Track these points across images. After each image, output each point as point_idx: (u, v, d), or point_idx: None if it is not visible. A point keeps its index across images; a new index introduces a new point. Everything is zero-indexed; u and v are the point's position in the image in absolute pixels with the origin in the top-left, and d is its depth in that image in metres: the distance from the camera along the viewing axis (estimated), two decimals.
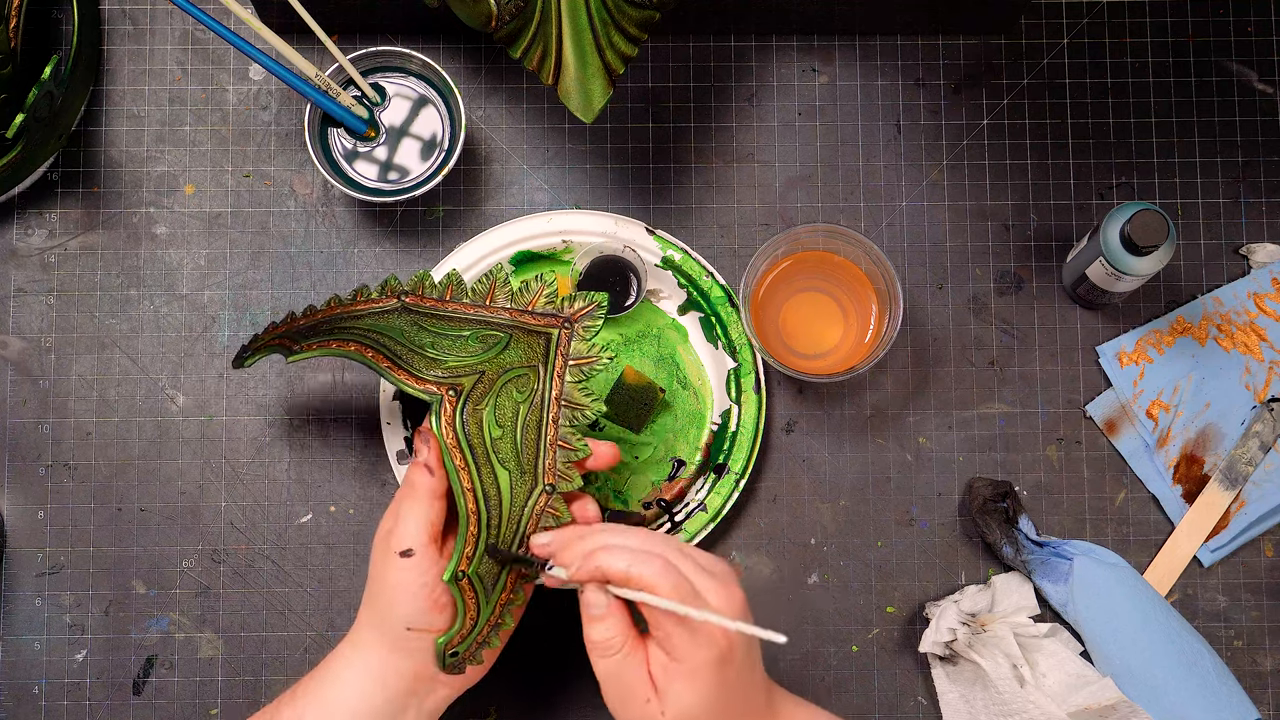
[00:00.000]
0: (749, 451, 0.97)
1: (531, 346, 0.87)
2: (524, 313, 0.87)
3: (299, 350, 0.88)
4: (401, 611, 0.82)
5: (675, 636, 0.76)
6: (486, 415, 0.85)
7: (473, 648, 0.83)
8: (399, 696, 0.83)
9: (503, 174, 1.02)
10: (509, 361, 0.86)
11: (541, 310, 0.87)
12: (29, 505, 0.99)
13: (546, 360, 0.86)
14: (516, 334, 0.87)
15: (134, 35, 1.03)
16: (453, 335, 0.87)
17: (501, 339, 0.87)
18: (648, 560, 0.77)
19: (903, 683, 0.99)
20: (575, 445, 0.86)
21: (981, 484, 0.98)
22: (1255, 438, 0.99)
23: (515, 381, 0.86)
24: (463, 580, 0.82)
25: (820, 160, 1.02)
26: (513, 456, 0.85)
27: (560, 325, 0.87)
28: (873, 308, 0.97)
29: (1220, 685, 0.95)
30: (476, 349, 0.86)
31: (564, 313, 0.87)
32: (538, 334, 0.87)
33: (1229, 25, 1.03)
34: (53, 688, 0.98)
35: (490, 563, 0.83)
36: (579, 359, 0.87)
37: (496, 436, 0.84)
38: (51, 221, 1.01)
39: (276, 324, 0.89)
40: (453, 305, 0.87)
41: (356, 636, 0.84)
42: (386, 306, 0.88)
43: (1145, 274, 0.93)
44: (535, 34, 0.89)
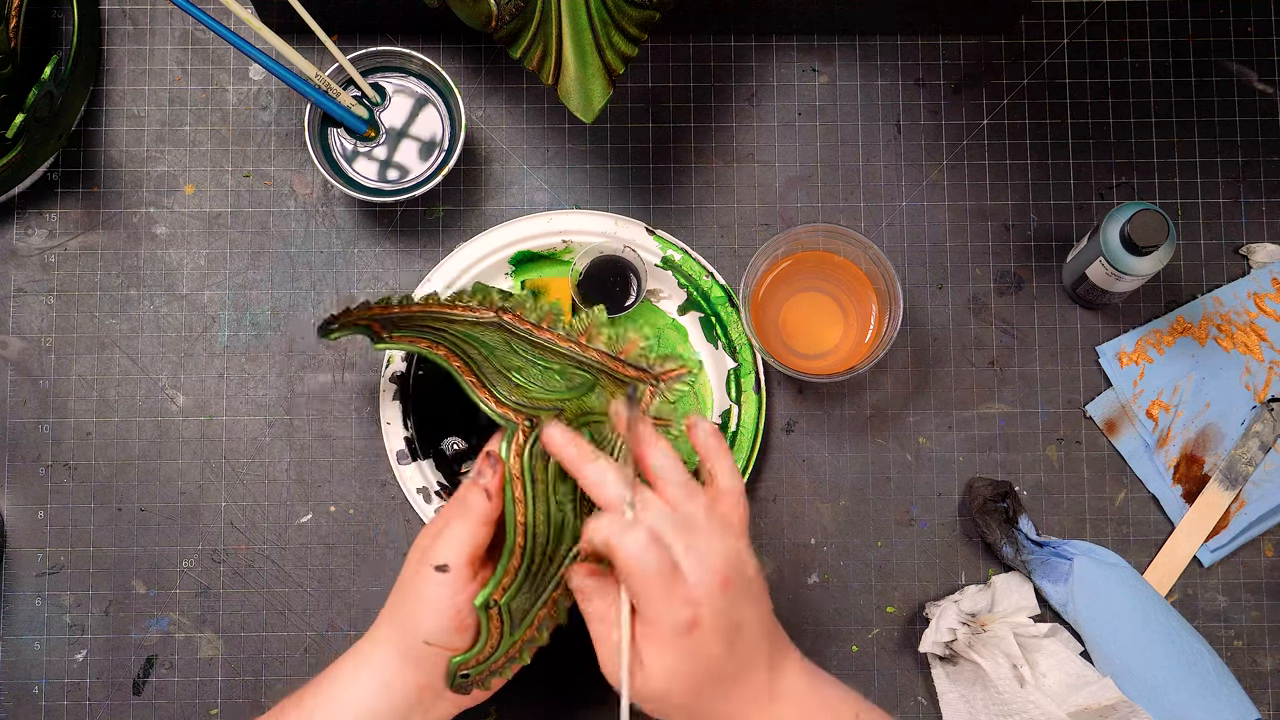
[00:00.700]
0: (749, 451, 0.97)
1: (615, 396, 0.84)
2: (615, 359, 0.85)
3: (387, 339, 0.87)
4: (425, 625, 0.82)
5: (644, 600, 0.76)
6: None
7: (485, 674, 0.83)
8: (404, 706, 0.83)
9: (503, 174, 1.02)
10: (590, 405, 0.84)
11: (633, 361, 0.85)
12: (29, 505, 0.99)
13: None
14: (603, 379, 0.85)
15: (134, 35, 1.03)
16: (541, 365, 0.85)
17: (588, 381, 0.85)
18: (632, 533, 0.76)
19: (903, 683, 0.99)
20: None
21: (981, 484, 0.98)
22: (1255, 438, 0.99)
23: (592, 427, 0.84)
24: (493, 609, 0.81)
25: (820, 160, 1.02)
26: (570, 501, 0.83)
27: (648, 380, 0.85)
28: (873, 308, 0.97)
29: (1220, 685, 0.95)
30: (561, 385, 0.84)
31: (654, 370, 0.85)
32: (623, 384, 0.85)
33: (1229, 25, 1.03)
34: (53, 688, 0.98)
35: (522, 599, 0.82)
36: (657, 419, 0.85)
37: (559, 478, 0.82)
38: (51, 221, 1.01)
39: (370, 304, 0.87)
40: (548, 334, 0.85)
41: (371, 640, 0.84)
42: (483, 318, 0.86)
43: (1145, 274, 0.93)
44: (535, 34, 0.89)
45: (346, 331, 0.88)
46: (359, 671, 0.83)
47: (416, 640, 0.82)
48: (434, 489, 0.97)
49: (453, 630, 0.82)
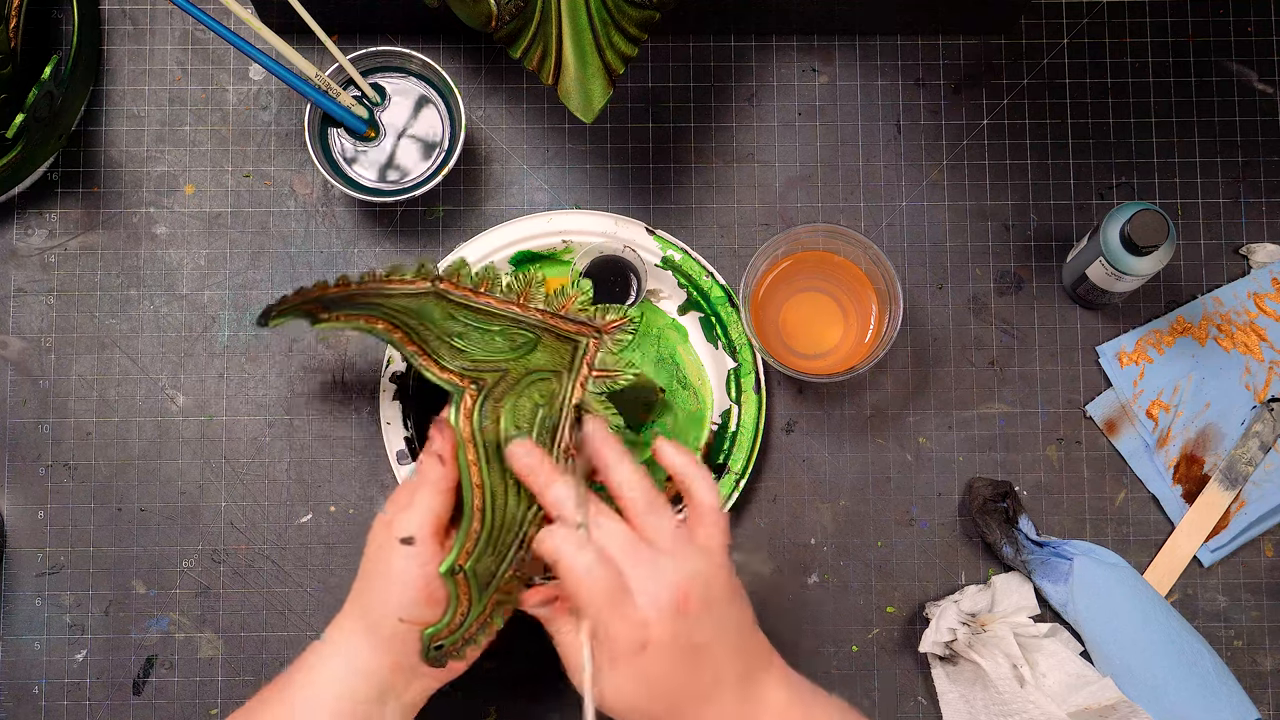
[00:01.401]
0: (749, 451, 0.97)
1: (558, 351, 0.86)
2: (555, 315, 0.87)
3: (326, 319, 0.87)
4: (395, 600, 0.82)
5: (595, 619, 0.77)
6: (505, 414, 0.84)
7: (459, 643, 0.83)
8: (378, 689, 0.82)
9: (503, 174, 1.02)
10: (534, 363, 0.85)
11: (574, 316, 0.87)
12: (29, 505, 0.99)
13: (571, 367, 0.86)
14: (545, 337, 0.86)
15: (134, 35, 1.03)
16: (482, 329, 0.86)
17: (529, 340, 0.86)
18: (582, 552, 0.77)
19: (903, 683, 0.99)
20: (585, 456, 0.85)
21: (981, 484, 0.98)
22: (1255, 438, 0.99)
23: (538, 384, 0.85)
24: (459, 575, 0.82)
25: (820, 160, 1.02)
26: None
27: (591, 334, 0.87)
28: (873, 308, 0.97)
29: (1220, 685, 0.95)
30: (503, 346, 0.86)
31: (596, 322, 0.87)
32: (566, 340, 0.86)
33: (1229, 25, 1.03)
34: (53, 688, 0.98)
35: (487, 561, 0.83)
36: (604, 370, 0.86)
37: (512, 436, 0.84)
38: (51, 221, 1.01)
39: (307, 289, 0.87)
40: (485, 298, 0.86)
41: (338, 629, 0.84)
42: (420, 289, 0.86)
43: (1145, 274, 0.93)
44: (535, 34, 0.89)
45: (286, 318, 0.88)
46: (329, 661, 0.83)
47: (387, 620, 0.82)
48: None
49: (423, 603, 0.82)
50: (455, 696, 0.98)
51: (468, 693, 0.98)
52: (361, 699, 0.82)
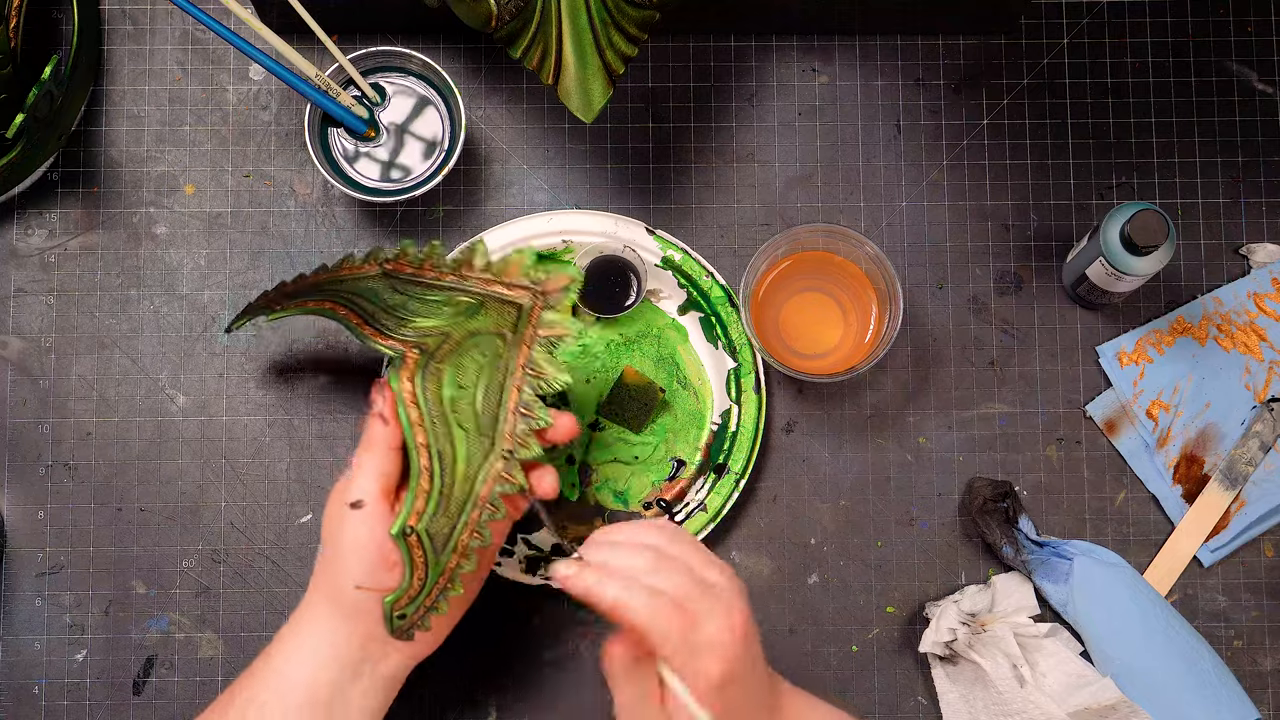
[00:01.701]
0: (749, 451, 0.97)
1: (502, 314, 0.86)
2: (497, 281, 0.86)
3: (279, 310, 0.90)
4: (352, 569, 0.81)
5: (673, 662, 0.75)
6: (447, 374, 0.85)
7: (420, 611, 0.82)
8: (351, 662, 0.82)
9: (503, 174, 1.02)
10: (476, 326, 0.86)
11: (515, 280, 0.86)
12: (29, 505, 0.99)
13: (516, 328, 0.86)
14: (489, 302, 0.86)
15: (134, 35, 1.03)
16: (425, 299, 0.86)
17: (472, 305, 0.86)
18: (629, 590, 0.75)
19: (903, 683, 0.99)
20: (537, 414, 0.84)
21: (981, 484, 0.98)
22: (1255, 438, 0.99)
23: (480, 345, 0.85)
24: (411, 536, 0.81)
25: (820, 160, 1.02)
26: (471, 418, 0.84)
27: (534, 295, 0.86)
28: (873, 308, 0.97)
29: (1220, 685, 0.95)
30: (446, 312, 0.86)
31: (539, 285, 0.86)
32: (510, 303, 0.86)
33: (1229, 25, 1.03)
34: (53, 688, 0.98)
35: (440, 521, 0.82)
36: (550, 329, 0.86)
37: (455, 396, 0.84)
38: (51, 221, 1.01)
39: (269, 292, 0.90)
40: (432, 273, 0.87)
41: (305, 607, 0.84)
42: (369, 272, 0.87)
43: (1145, 274, 0.93)
44: (535, 34, 0.89)
45: (246, 318, 0.93)
46: (300, 641, 0.82)
47: (347, 588, 0.81)
48: None
49: (380, 568, 0.81)
50: (456, 695, 0.98)
51: (468, 692, 0.98)
52: (332, 677, 0.81)
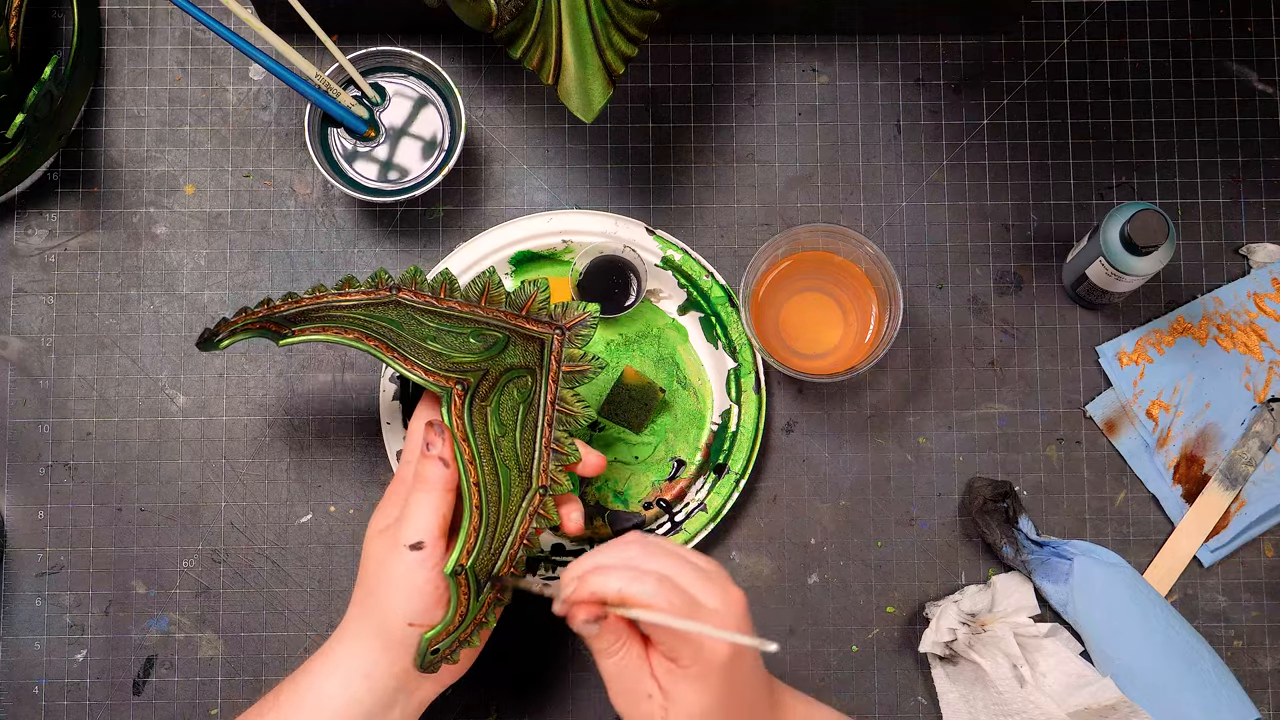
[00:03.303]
0: (749, 451, 0.97)
1: (528, 350, 0.87)
2: (518, 316, 0.88)
3: (290, 335, 0.86)
4: (403, 606, 0.82)
5: (679, 647, 0.76)
6: (491, 412, 0.85)
7: (454, 645, 0.83)
8: (387, 693, 0.83)
9: (503, 174, 1.02)
10: (509, 362, 0.87)
11: (535, 315, 0.88)
12: (29, 505, 0.99)
13: (541, 364, 0.87)
14: (514, 336, 0.87)
15: (134, 35, 1.03)
16: (453, 332, 0.87)
17: (500, 339, 0.87)
18: (641, 579, 0.76)
19: (903, 683, 0.99)
20: (566, 449, 0.86)
21: (981, 484, 0.98)
22: (1255, 438, 0.99)
23: (516, 382, 0.86)
24: (461, 575, 0.82)
25: (820, 160, 1.02)
26: (513, 455, 0.85)
27: (554, 331, 0.88)
28: (873, 308, 0.97)
29: (1220, 685, 0.95)
30: (478, 347, 0.86)
31: (558, 320, 0.88)
32: (533, 339, 0.87)
33: (1229, 25, 1.03)
34: (53, 688, 0.98)
35: (484, 559, 0.83)
36: (571, 365, 0.87)
37: (498, 434, 0.85)
38: (51, 221, 1.01)
39: (250, 309, 0.86)
40: (448, 303, 0.87)
41: (346, 634, 0.84)
42: (378, 299, 0.87)
43: (1145, 274, 0.93)
44: (535, 34, 0.89)
45: (236, 338, 0.86)
46: (338, 666, 0.83)
47: (397, 626, 0.82)
48: None
49: (434, 607, 0.82)
50: (456, 696, 0.98)
51: (468, 692, 0.98)
52: (367, 708, 0.82)
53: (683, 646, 0.76)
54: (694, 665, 0.76)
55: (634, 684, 0.78)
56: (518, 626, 0.98)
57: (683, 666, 0.76)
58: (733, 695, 0.77)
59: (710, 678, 0.76)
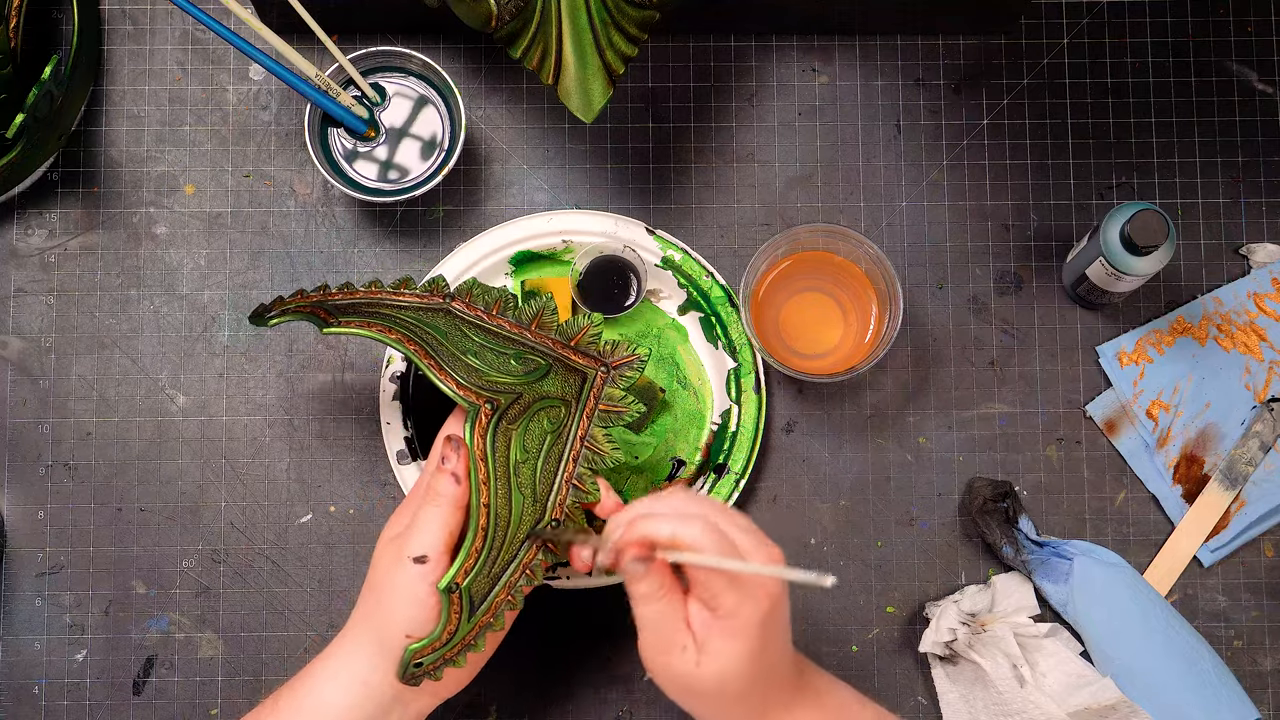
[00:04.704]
0: (749, 451, 0.97)
1: (568, 381, 0.87)
2: (566, 346, 0.87)
3: (336, 324, 0.87)
4: (404, 617, 0.82)
5: (722, 595, 0.77)
6: (515, 436, 0.85)
7: (439, 662, 0.82)
8: (384, 701, 0.83)
9: (503, 174, 1.02)
10: (546, 390, 0.86)
11: (583, 348, 0.87)
12: (29, 505, 0.99)
13: (579, 398, 0.86)
14: (556, 366, 0.87)
15: (134, 35, 1.03)
16: (496, 350, 0.86)
17: (543, 366, 0.86)
18: (690, 522, 0.77)
19: (903, 683, 0.99)
20: (588, 487, 0.86)
21: (981, 484, 0.98)
22: (1255, 438, 0.99)
23: (548, 411, 0.86)
24: (455, 593, 0.82)
25: (820, 160, 1.02)
26: (530, 483, 0.85)
27: (599, 368, 0.87)
28: (873, 308, 0.97)
29: (1220, 685, 0.95)
30: (518, 370, 0.86)
31: (605, 357, 0.87)
32: (575, 371, 0.87)
33: (1229, 25, 1.03)
34: (53, 688, 0.98)
35: (481, 582, 0.83)
36: (609, 405, 0.87)
37: (519, 460, 0.84)
38: (51, 221, 1.01)
39: (308, 292, 0.87)
40: (499, 320, 0.87)
41: (347, 639, 0.84)
42: (431, 304, 0.87)
43: (1145, 274, 0.93)
44: (535, 34, 0.89)
45: (287, 318, 0.87)
46: (338, 673, 0.83)
47: (396, 636, 0.82)
48: None
49: (433, 621, 0.82)
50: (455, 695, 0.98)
51: (468, 692, 0.98)
52: (367, 712, 0.82)
53: (725, 594, 0.76)
54: (732, 617, 0.76)
55: (669, 634, 0.78)
56: (518, 626, 0.98)
57: (721, 617, 0.77)
58: (764, 653, 0.77)
59: (748, 631, 0.76)
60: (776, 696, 0.80)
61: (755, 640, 0.77)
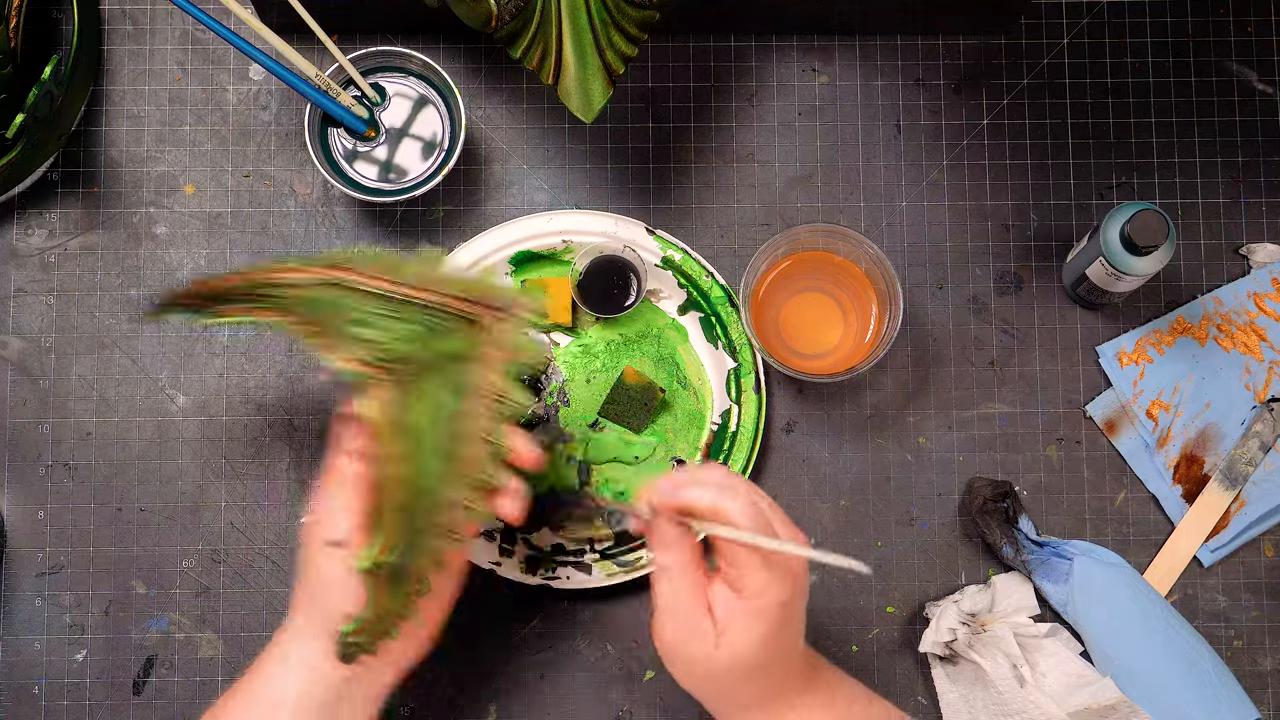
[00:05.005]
0: (749, 451, 0.97)
1: (468, 335, 0.84)
2: (461, 299, 0.84)
3: (218, 314, 0.84)
4: (337, 601, 0.81)
5: (749, 575, 0.77)
6: (416, 402, 0.82)
7: (373, 638, 0.81)
8: (337, 685, 0.83)
9: (503, 174, 1.02)
10: (444, 349, 0.83)
11: (477, 298, 0.84)
12: (29, 505, 0.99)
13: (478, 350, 0.84)
14: (453, 321, 0.84)
15: (134, 35, 1.03)
16: (388, 315, 0.83)
17: (437, 325, 0.83)
18: (733, 496, 0.78)
19: (903, 683, 0.99)
20: (500, 441, 0.83)
21: (981, 484, 0.98)
22: (1255, 438, 0.99)
23: (448, 370, 0.83)
24: (376, 570, 0.80)
25: (820, 160, 1.02)
26: (437, 446, 0.82)
27: (497, 317, 0.84)
28: (873, 308, 0.97)
29: (1220, 685, 0.95)
30: (415, 332, 0.83)
31: (500, 303, 0.84)
32: (474, 324, 0.84)
33: (1229, 25, 1.03)
34: (53, 688, 0.98)
35: (403, 552, 0.81)
36: (513, 353, 0.84)
37: (426, 425, 0.82)
38: (51, 221, 1.01)
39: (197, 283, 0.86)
40: (388, 285, 0.84)
41: (290, 633, 0.84)
42: (316, 278, 0.84)
43: (1145, 274, 0.93)
44: (535, 34, 0.89)
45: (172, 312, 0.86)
46: (287, 664, 0.83)
47: (335, 618, 0.82)
48: None
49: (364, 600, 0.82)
50: (456, 695, 0.98)
51: (468, 692, 0.98)
52: (320, 701, 0.82)
53: (755, 574, 0.77)
54: (759, 597, 0.77)
55: (690, 615, 0.78)
56: (518, 626, 0.98)
57: (745, 598, 0.77)
58: (780, 636, 0.78)
59: (769, 613, 0.77)
60: (789, 684, 0.80)
61: (774, 623, 0.77)
